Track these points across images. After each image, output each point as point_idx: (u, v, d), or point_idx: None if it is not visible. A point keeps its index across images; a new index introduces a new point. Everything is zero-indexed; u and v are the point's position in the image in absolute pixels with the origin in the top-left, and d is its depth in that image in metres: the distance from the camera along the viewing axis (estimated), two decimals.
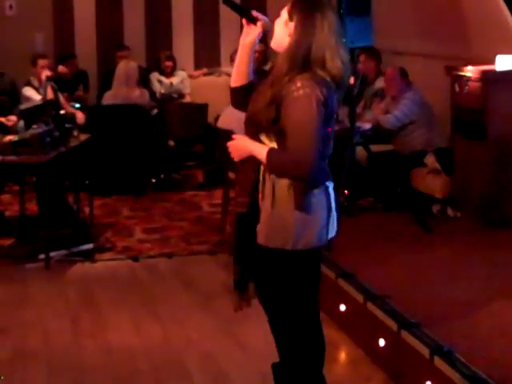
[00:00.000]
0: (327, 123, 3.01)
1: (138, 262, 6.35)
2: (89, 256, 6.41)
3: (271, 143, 3.04)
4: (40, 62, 7.80)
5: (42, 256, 6.25)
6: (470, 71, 6.28)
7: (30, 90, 7.87)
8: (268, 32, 3.18)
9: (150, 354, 4.66)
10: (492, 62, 6.24)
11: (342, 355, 4.71)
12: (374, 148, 6.89)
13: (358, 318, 4.73)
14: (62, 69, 9.22)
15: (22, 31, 9.62)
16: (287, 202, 3.03)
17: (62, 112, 6.78)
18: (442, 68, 6.62)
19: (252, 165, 3.18)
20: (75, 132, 6.87)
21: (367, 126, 6.94)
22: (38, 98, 7.47)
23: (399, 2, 8.07)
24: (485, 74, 6.15)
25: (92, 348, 4.77)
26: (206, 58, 10.36)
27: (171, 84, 9.61)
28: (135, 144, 8.32)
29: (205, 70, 10.22)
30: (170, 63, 9.64)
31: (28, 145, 6.21)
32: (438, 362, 3.81)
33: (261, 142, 3.06)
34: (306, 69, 3.00)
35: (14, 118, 7.21)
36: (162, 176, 8.69)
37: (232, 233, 5.93)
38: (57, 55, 9.82)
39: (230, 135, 3.19)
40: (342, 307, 4.91)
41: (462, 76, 6.35)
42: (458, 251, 5.65)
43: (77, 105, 8.48)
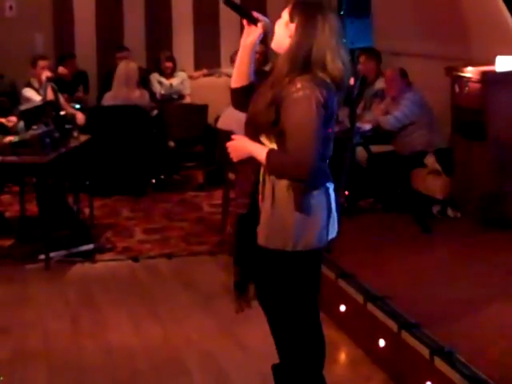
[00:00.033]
0: (327, 124, 3.01)
1: (138, 263, 6.35)
2: (89, 256, 6.42)
3: (271, 144, 3.04)
4: (40, 63, 7.79)
5: (42, 256, 6.25)
6: (469, 72, 6.29)
7: (30, 91, 7.85)
8: (268, 33, 3.18)
9: (149, 354, 4.66)
10: (492, 63, 6.25)
11: (342, 355, 4.71)
12: (374, 149, 6.89)
13: (358, 319, 4.73)
14: (62, 70, 9.22)
15: (22, 32, 9.62)
16: (287, 203, 3.03)
17: (62, 113, 6.78)
18: (442, 69, 6.62)
19: (252, 166, 3.18)
20: (75, 133, 6.88)
21: (367, 126, 6.94)
22: (38, 98, 7.45)
23: (399, 3, 8.06)
24: (485, 74, 6.15)
25: (92, 348, 4.77)
26: (206, 59, 10.35)
27: (171, 85, 9.61)
28: (135, 145, 8.32)
29: (205, 71, 10.22)
30: (170, 64, 9.64)
31: (28, 145, 6.22)
32: (438, 362, 3.81)
33: (261, 143, 3.06)
34: (307, 70, 3.00)
35: (14, 118, 7.20)
36: (162, 177, 8.70)
37: (232, 234, 5.93)
38: (57, 56, 9.82)
39: (230, 136, 3.19)
40: (342, 308, 4.91)
41: (462, 77, 6.35)
42: (458, 251, 5.66)
43: (77, 106, 8.50)
